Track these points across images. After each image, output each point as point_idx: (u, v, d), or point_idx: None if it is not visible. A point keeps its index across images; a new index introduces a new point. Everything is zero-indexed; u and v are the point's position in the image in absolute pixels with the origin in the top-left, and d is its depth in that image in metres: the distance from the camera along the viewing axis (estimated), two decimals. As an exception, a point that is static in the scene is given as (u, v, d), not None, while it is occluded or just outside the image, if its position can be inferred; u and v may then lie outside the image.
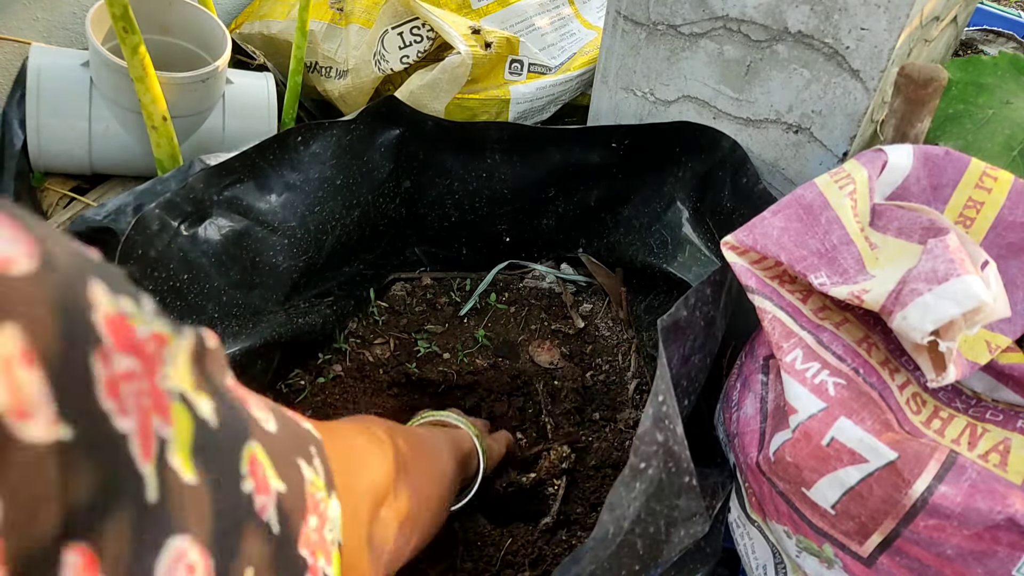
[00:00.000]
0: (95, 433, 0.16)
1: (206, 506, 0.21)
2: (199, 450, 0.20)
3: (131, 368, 0.18)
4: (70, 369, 0.16)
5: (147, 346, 0.19)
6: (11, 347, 0.14)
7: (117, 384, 0.17)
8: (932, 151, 0.52)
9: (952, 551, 0.40)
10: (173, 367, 0.20)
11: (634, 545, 0.42)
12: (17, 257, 0.15)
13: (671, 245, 0.73)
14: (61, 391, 0.15)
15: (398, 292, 0.82)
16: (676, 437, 0.43)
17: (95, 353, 0.17)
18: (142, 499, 0.18)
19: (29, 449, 0.15)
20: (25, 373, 0.15)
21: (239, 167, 0.63)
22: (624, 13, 0.72)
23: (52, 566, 0.15)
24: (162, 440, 0.19)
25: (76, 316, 0.17)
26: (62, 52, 0.82)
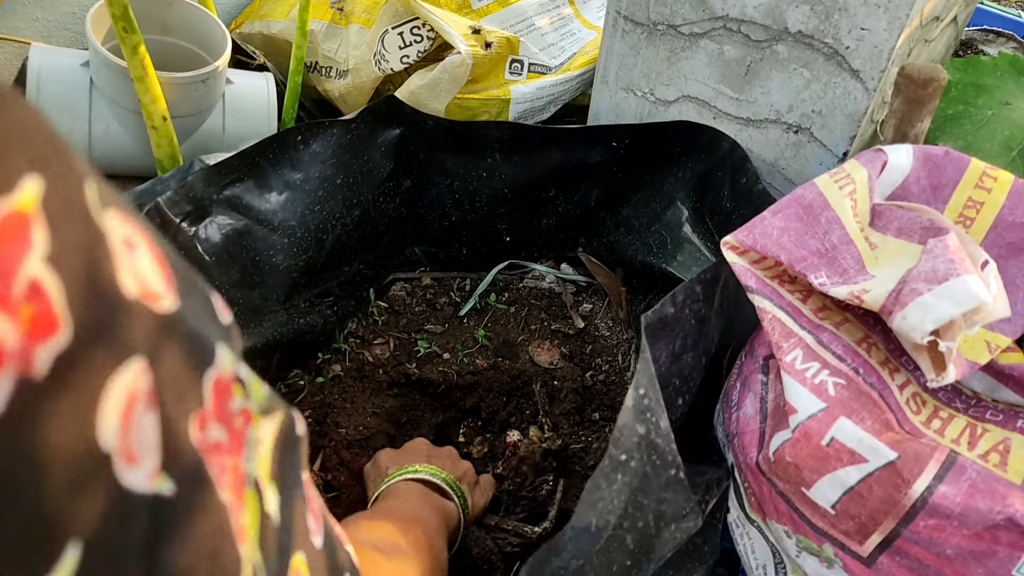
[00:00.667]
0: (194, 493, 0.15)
1: None
2: (261, 544, 0.19)
3: (219, 441, 0.17)
4: (175, 424, 0.14)
5: (235, 421, 0.17)
6: (138, 384, 0.13)
7: (210, 452, 0.16)
8: (932, 151, 0.52)
9: (952, 551, 0.40)
10: (256, 449, 0.19)
11: (623, 540, 0.42)
12: (162, 294, 0.14)
13: (671, 245, 0.73)
14: (168, 442, 0.14)
15: (398, 292, 0.82)
16: (660, 430, 0.42)
17: (193, 417, 0.15)
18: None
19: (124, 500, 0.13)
20: (143, 415, 0.13)
21: (239, 166, 0.63)
22: (624, 13, 0.72)
23: None
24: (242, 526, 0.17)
25: (197, 363, 0.15)
26: (62, 52, 0.82)
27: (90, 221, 0.13)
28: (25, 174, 0.11)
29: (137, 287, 0.13)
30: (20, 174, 0.11)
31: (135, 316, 0.13)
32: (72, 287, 0.12)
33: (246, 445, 0.18)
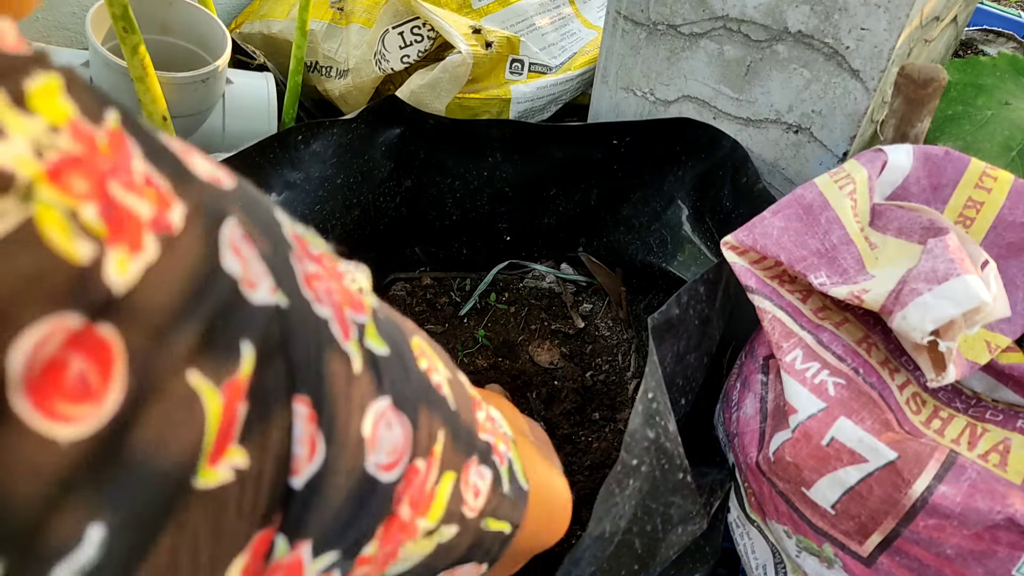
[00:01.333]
0: (302, 308, 0.20)
1: (397, 374, 0.24)
2: (383, 332, 0.24)
3: (317, 272, 0.21)
4: (277, 256, 0.19)
5: (324, 260, 0.22)
6: (235, 233, 0.18)
7: (311, 280, 0.21)
8: (932, 151, 0.52)
9: (952, 551, 0.41)
10: (359, 279, 0.24)
11: (632, 545, 0.42)
12: (223, 177, 0.19)
13: (671, 244, 0.73)
14: (274, 270, 0.19)
15: (398, 292, 0.82)
16: (668, 434, 0.42)
17: (291, 253, 0.20)
18: (349, 370, 0.21)
19: (260, 311, 0.18)
20: (249, 250, 0.18)
21: (239, 166, 0.63)
22: (624, 13, 0.72)
23: (287, 413, 0.19)
24: (359, 325, 0.22)
25: (271, 223, 0.20)
26: (62, 52, 0.82)
27: (157, 135, 0.18)
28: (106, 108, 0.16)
29: (206, 173, 0.18)
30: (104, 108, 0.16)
31: (215, 189, 0.18)
32: (169, 176, 0.17)
33: (344, 275, 0.23)
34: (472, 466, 0.28)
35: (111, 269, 0.15)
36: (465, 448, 0.28)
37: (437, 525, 0.26)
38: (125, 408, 0.15)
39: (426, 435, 0.25)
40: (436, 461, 0.25)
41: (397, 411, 0.23)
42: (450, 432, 0.26)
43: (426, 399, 0.25)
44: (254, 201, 0.20)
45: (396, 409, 0.23)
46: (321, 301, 0.21)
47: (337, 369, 0.20)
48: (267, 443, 0.18)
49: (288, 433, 0.19)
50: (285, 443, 0.19)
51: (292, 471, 0.19)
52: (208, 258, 0.17)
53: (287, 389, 0.19)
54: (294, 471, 0.19)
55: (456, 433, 0.27)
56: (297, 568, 0.20)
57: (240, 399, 0.17)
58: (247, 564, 0.18)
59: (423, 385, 0.25)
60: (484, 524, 0.29)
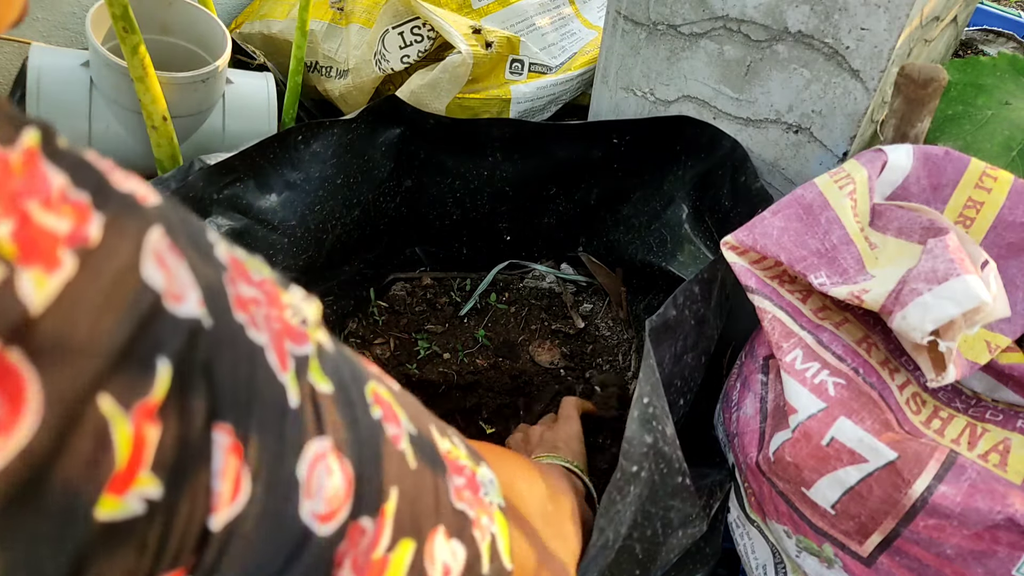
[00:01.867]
0: (232, 330, 0.18)
1: (342, 416, 0.22)
2: (327, 369, 0.22)
3: (255, 297, 0.20)
4: (206, 273, 0.18)
5: (265, 286, 0.21)
6: (160, 243, 0.17)
7: (246, 305, 0.19)
8: (932, 151, 0.52)
9: (952, 551, 0.41)
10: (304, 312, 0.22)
11: (633, 550, 0.42)
12: (149, 195, 0.18)
13: (671, 244, 0.73)
14: (203, 284, 0.18)
15: (398, 292, 0.82)
16: (666, 438, 0.42)
17: (224, 274, 0.19)
18: (284, 403, 0.19)
19: (182, 325, 0.17)
20: (176, 262, 0.17)
21: (239, 166, 0.63)
22: (624, 13, 0.72)
23: (205, 444, 0.17)
24: (298, 358, 0.21)
25: (203, 240, 0.19)
26: (62, 52, 0.82)
27: (80, 153, 0.17)
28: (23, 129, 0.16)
29: (129, 188, 0.18)
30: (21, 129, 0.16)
31: (138, 202, 0.17)
32: (90, 191, 0.16)
33: (285, 306, 0.22)
34: (438, 537, 0.25)
35: (25, 289, 0.14)
36: (429, 515, 0.25)
37: None
38: (35, 441, 0.14)
39: (374, 490, 0.22)
40: (387, 523, 0.23)
41: (339, 455, 0.21)
42: (407, 493, 0.24)
43: (376, 450, 0.23)
44: (183, 219, 0.19)
45: (338, 452, 0.21)
46: (257, 327, 0.19)
47: (270, 400, 0.19)
48: (181, 473, 0.16)
49: (207, 464, 0.17)
50: (203, 475, 0.17)
51: (211, 509, 0.17)
52: (129, 268, 0.16)
53: (208, 415, 0.17)
54: (212, 509, 0.17)
55: (416, 495, 0.24)
56: None
57: (152, 422, 0.16)
58: None
59: (373, 433, 0.23)
60: None
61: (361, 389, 0.24)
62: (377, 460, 0.23)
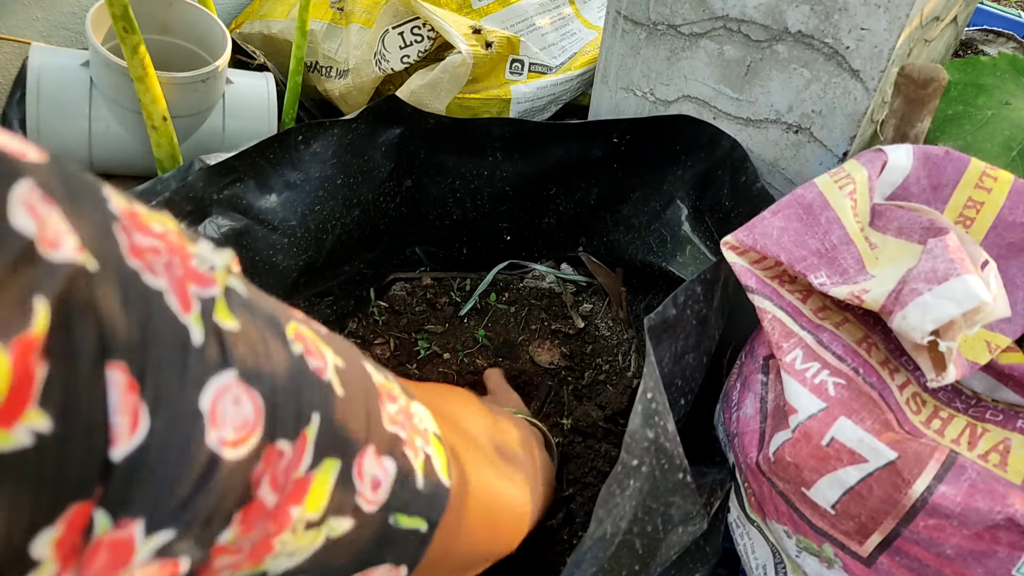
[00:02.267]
0: (123, 275, 0.19)
1: (250, 349, 0.23)
2: (236, 309, 0.23)
3: (154, 246, 0.21)
4: (90, 220, 0.19)
5: (168, 237, 0.22)
6: (32, 194, 0.18)
7: (142, 252, 0.20)
8: (932, 151, 0.52)
9: (952, 551, 0.41)
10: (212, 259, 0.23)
11: (633, 545, 0.42)
12: (29, 152, 0.18)
13: (670, 244, 0.73)
14: (82, 232, 0.18)
15: (398, 292, 0.82)
16: (668, 434, 0.42)
17: (114, 224, 0.20)
18: (185, 342, 0.20)
19: (59, 269, 0.17)
20: (49, 210, 0.18)
21: (239, 166, 0.63)
22: (624, 13, 0.72)
23: (98, 379, 0.18)
24: (203, 300, 0.22)
25: (92, 195, 0.19)
26: (62, 52, 0.82)
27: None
28: None
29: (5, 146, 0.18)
30: None
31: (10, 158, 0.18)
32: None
33: (192, 256, 0.22)
34: (368, 455, 0.27)
35: None
36: (358, 435, 0.27)
37: (321, 516, 0.25)
38: None
39: (291, 415, 0.24)
40: (308, 445, 0.24)
41: (246, 386, 0.22)
42: (329, 416, 0.25)
43: (294, 380, 0.24)
44: (68, 174, 0.19)
45: (245, 384, 0.22)
46: (155, 272, 0.20)
47: (169, 339, 0.20)
48: (73, 408, 0.18)
49: (101, 400, 0.18)
50: (97, 410, 0.18)
51: (109, 442, 0.18)
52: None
53: (97, 354, 0.18)
54: (112, 442, 0.18)
55: (342, 419, 0.26)
56: (126, 546, 0.19)
57: (36, 358, 0.17)
58: (60, 537, 0.18)
59: (290, 365, 0.24)
60: (393, 520, 0.28)
61: (279, 328, 0.25)
62: (295, 389, 0.24)
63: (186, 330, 0.21)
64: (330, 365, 0.27)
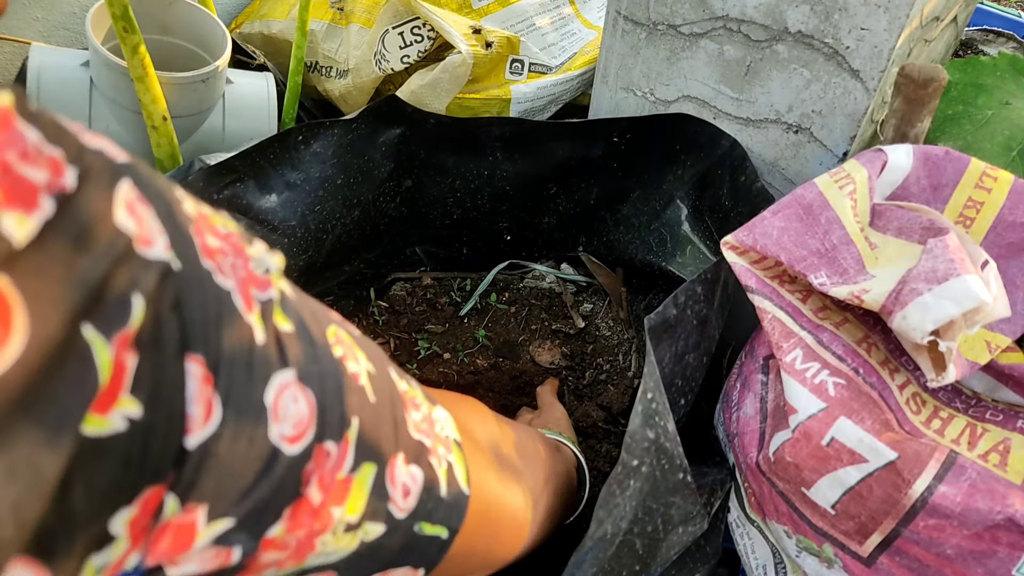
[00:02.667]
0: (200, 274, 0.20)
1: (303, 351, 0.24)
2: (289, 312, 0.24)
3: (222, 248, 0.22)
4: (173, 220, 0.20)
5: (231, 239, 0.23)
6: (131, 193, 0.19)
7: (213, 254, 0.21)
8: (932, 151, 0.52)
9: (952, 551, 0.41)
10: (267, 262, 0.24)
11: (633, 545, 0.42)
12: (116, 152, 0.20)
13: (670, 243, 0.73)
14: (170, 231, 0.20)
15: (398, 292, 0.82)
16: (668, 434, 0.43)
17: (190, 225, 0.21)
18: (251, 339, 0.22)
19: (153, 266, 0.19)
20: (145, 210, 0.19)
21: (239, 166, 0.63)
22: (624, 13, 0.72)
23: (179, 370, 0.19)
24: (262, 302, 0.23)
25: (170, 196, 0.21)
26: (62, 52, 0.82)
27: (52, 116, 0.18)
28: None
29: (99, 146, 0.19)
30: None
31: (108, 158, 0.19)
32: (63, 147, 0.18)
33: (250, 258, 0.23)
34: (398, 462, 0.28)
35: (8, 227, 0.16)
36: (389, 442, 0.27)
37: (359, 520, 0.26)
38: (28, 355, 0.16)
39: (336, 417, 0.24)
40: (351, 448, 0.25)
41: (302, 385, 0.23)
42: (367, 422, 0.26)
43: (338, 383, 0.25)
44: (150, 175, 0.21)
45: (301, 383, 0.23)
46: (224, 273, 0.21)
47: (237, 336, 0.21)
48: (158, 396, 0.19)
49: (181, 391, 0.19)
50: (177, 400, 0.19)
51: (185, 430, 0.19)
52: (103, 213, 0.18)
53: (179, 346, 0.19)
54: (187, 431, 0.19)
55: (376, 424, 0.27)
56: (189, 530, 0.20)
57: (129, 350, 0.18)
58: (135, 517, 0.19)
59: (334, 369, 0.25)
60: (418, 527, 0.29)
61: (323, 330, 0.26)
62: (339, 392, 0.25)
63: (251, 328, 0.22)
64: (363, 370, 0.27)
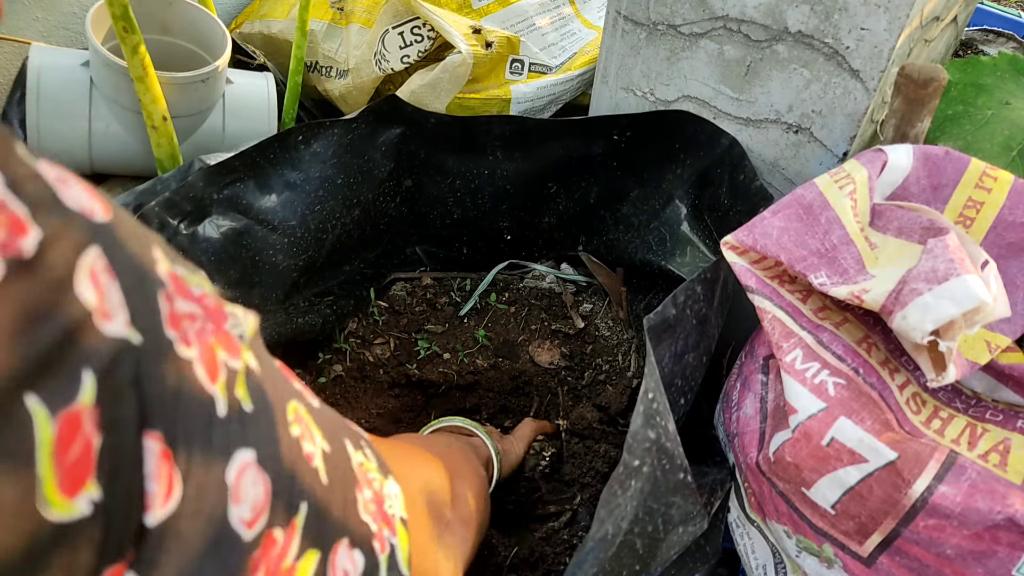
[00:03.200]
0: (160, 346, 0.20)
1: (262, 431, 0.23)
2: (252, 388, 0.23)
3: (192, 312, 0.21)
4: (140, 291, 0.19)
5: (205, 300, 0.22)
6: (98, 263, 0.18)
7: (179, 320, 0.21)
8: (932, 151, 0.52)
9: (952, 551, 0.41)
10: (243, 324, 0.24)
11: (633, 545, 0.42)
12: (97, 210, 0.19)
13: (670, 242, 0.73)
14: (132, 306, 0.19)
15: (398, 292, 0.82)
16: (668, 434, 0.43)
17: (160, 291, 0.20)
18: (211, 412, 0.21)
19: (110, 342, 0.18)
20: (109, 282, 0.18)
21: (239, 166, 0.63)
22: (624, 13, 0.72)
23: (137, 448, 0.19)
24: (230, 370, 0.22)
25: (144, 259, 0.20)
26: (62, 52, 0.82)
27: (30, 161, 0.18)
28: None
29: (77, 203, 0.18)
30: None
31: (83, 219, 0.18)
32: (30, 203, 0.17)
33: (226, 317, 0.23)
34: (341, 548, 0.27)
35: None
36: (335, 527, 0.26)
37: None
38: None
39: (286, 503, 0.24)
40: (296, 534, 0.24)
41: (259, 468, 0.22)
42: (315, 506, 0.25)
43: (293, 466, 0.24)
44: (130, 235, 0.20)
45: (259, 466, 0.22)
46: (188, 342, 0.21)
47: (197, 410, 0.20)
48: (117, 476, 0.18)
49: (140, 468, 0.19)
50: (136, 479, 0.19)
51: (145, 507, 0.19)
52: (60, 283, 0.17)
53: (137, 423, 0.19)
54: (147, 507, 0.19)
55: (324, 508, 0.26)
56: None
57: (93, 430, 0.17)
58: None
59: (291, 451, 0.24)
60: None
61: (283, 407, 0.25)
62: (292, 476, 0.24)
63: (212, 401, 0.21)
64: (319, 450, 0.27)
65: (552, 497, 0.64)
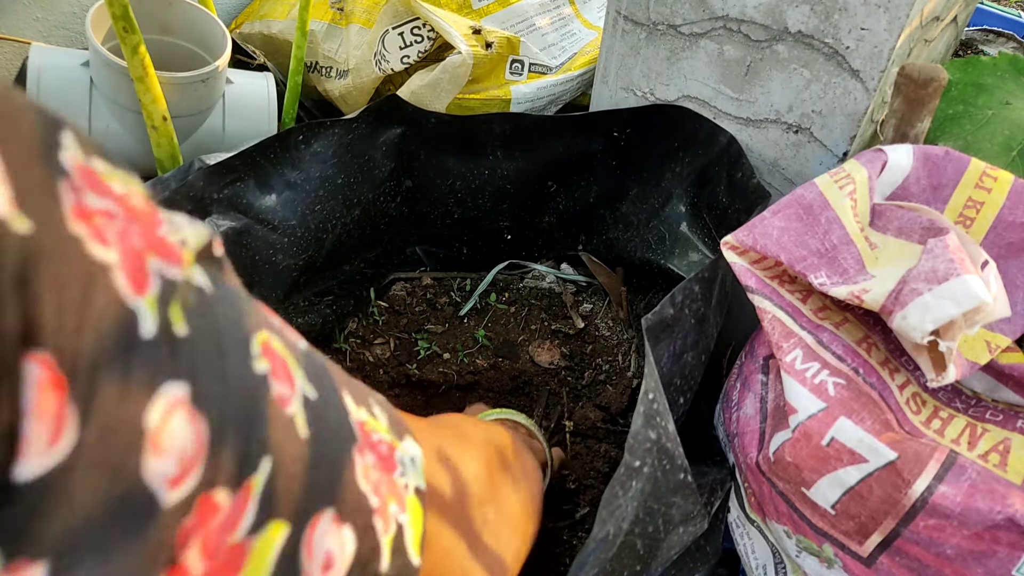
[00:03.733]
0: (61, 242, 0.15)
1: (204, 361, 0.18)
2: (194, 308, 0.18)
3: (108, 209, 0.16)
4: (32, 171, 0.15)
5: (129, 199, 0.18)
6: None
7: (91, 215, 0.16)
8: (932, 151, 0.52)
9: (952, 551, 0.41)
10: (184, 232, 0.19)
11: (634, 545, 0.42)
12: None
13: (669, 241, 0.73)
14: (20, 185, 0.14)
15: (398, 292, 0.82)
16: (668, 434, 0.43)
17: (61, 179, 0.15)
18: (134, 331, 0.16)
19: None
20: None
21: (239, 166, 0.63)
22: (624, 13, 0.72)
23: (11, 377, 0.13)
24: (166, 281, 0.17)
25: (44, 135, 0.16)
26: (62, 52, 0.82)
27: None
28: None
29: None
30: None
31: None
32: None
33: (160, 223, 0.18)
34: (323, 522, 0.21)
35: None
36: (317, 494, 0.21)
37: None
38: None
39: (237, 457, 0.18)
40: (253, 500, 0.19)
41: (194, 408, 0.17)
42: (287, 465, 0.20)
43: (250, 410, 0.19)
44: (23, 108, 0.15)
45: (193, 405, 0.17)
46: (105, 241, 0.16)
47: (110, 327, 0.15)
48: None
49: (13, 401, 0.14)
50: (5, 414, 0.13)
51: (14, 454, 0.14)
52: None
53: (18, 340, 0.14)
54: (17, 454, 0.14)
55: (300, 469, 0.20)
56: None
57: None
58: None
59: (248, 392, 0.19)
60: None
61: (244, 337, 0.20)
62: (249, 422, 0.19)
63: (134, 318, 0.16)
64: (298, 394, 0.21)
65: (555, 498, 0.64)
